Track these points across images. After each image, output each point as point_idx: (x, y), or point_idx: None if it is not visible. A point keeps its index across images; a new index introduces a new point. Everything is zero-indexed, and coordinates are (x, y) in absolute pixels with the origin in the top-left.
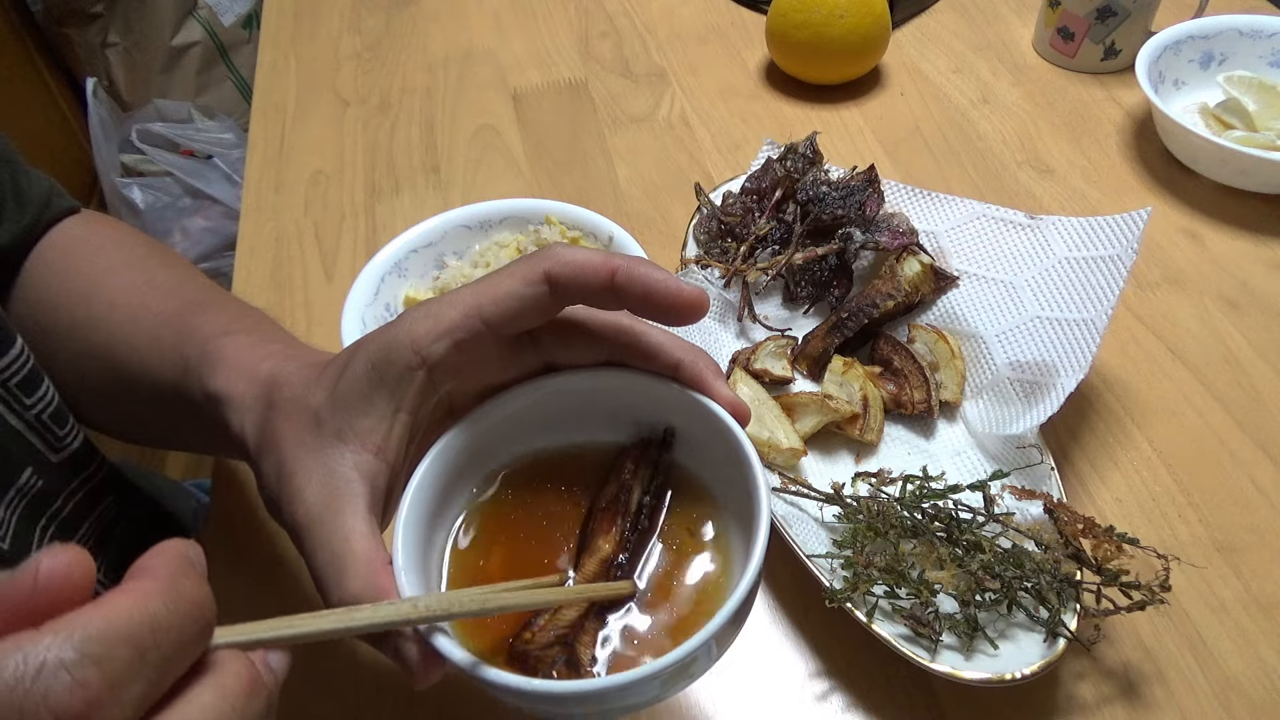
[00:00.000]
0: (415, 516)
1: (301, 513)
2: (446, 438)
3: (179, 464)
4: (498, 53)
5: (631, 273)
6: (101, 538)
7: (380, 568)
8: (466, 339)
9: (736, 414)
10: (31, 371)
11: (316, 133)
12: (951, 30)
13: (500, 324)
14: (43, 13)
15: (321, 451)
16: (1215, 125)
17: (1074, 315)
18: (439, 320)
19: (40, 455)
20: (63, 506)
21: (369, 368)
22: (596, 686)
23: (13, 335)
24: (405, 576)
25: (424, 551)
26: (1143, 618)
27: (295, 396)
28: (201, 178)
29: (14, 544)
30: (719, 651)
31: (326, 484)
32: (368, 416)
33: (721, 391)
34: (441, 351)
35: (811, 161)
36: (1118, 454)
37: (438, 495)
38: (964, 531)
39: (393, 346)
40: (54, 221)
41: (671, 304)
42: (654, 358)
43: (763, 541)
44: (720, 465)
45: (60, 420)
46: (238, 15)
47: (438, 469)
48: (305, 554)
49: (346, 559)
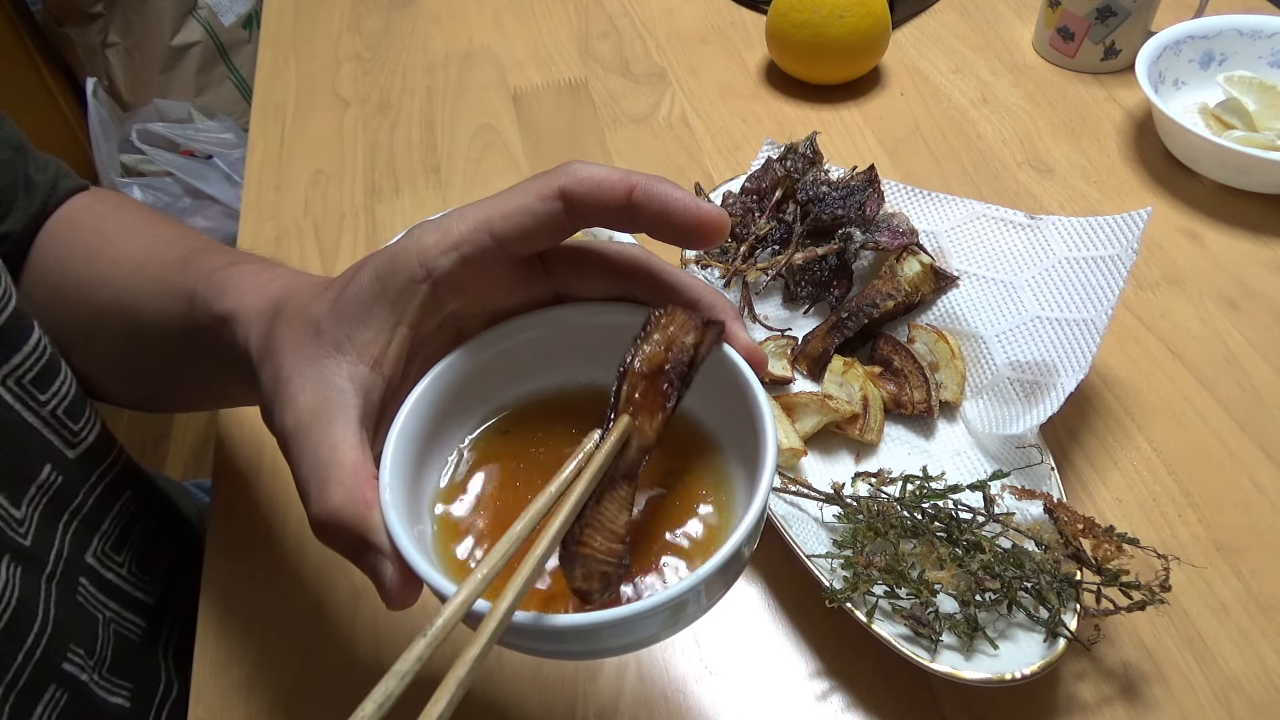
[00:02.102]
0: (408, 435)
1: (291, 419)
2: (449, 359)
3: (179, 464)
4: (498, 53)
5: (649, 190)
6: (124, 534)
7: (365, 480)
8: (475, 254)
9: (752, 360)
10: (47, 365)
11: (316, 133)
12: (951, 30)
13: (511, 240)
14: (43, 13)
15: (318, 360)
16: (1215, 125)
17: (1074, 315)
18: (447, 233)
19: (58, 451)
20: (84, 502)
21: (373, 279)
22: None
23: (29, 328)
24: (390, 494)
25: (414, 474)
26: (1143, 618)
27: (300, 307)
28: (201, 178)
29: (36, 541)
30: (709, 599)
31: (319, 392)
32: (367, 328)
33: (738, 335)
34: (448, 265)
35: (811, 161)
36: (1118, 454)
37: (435, 418)
38: (964, 531)
39: (399, 258)
40: (60, 202)
41: (690, 223)
42: (673, 296)
43: (765, 490)
44: (732, 411)
45: (75, 415)
46: (238, 15)
47: (436, 390)
48: (291, 461)
49: (332, 467)
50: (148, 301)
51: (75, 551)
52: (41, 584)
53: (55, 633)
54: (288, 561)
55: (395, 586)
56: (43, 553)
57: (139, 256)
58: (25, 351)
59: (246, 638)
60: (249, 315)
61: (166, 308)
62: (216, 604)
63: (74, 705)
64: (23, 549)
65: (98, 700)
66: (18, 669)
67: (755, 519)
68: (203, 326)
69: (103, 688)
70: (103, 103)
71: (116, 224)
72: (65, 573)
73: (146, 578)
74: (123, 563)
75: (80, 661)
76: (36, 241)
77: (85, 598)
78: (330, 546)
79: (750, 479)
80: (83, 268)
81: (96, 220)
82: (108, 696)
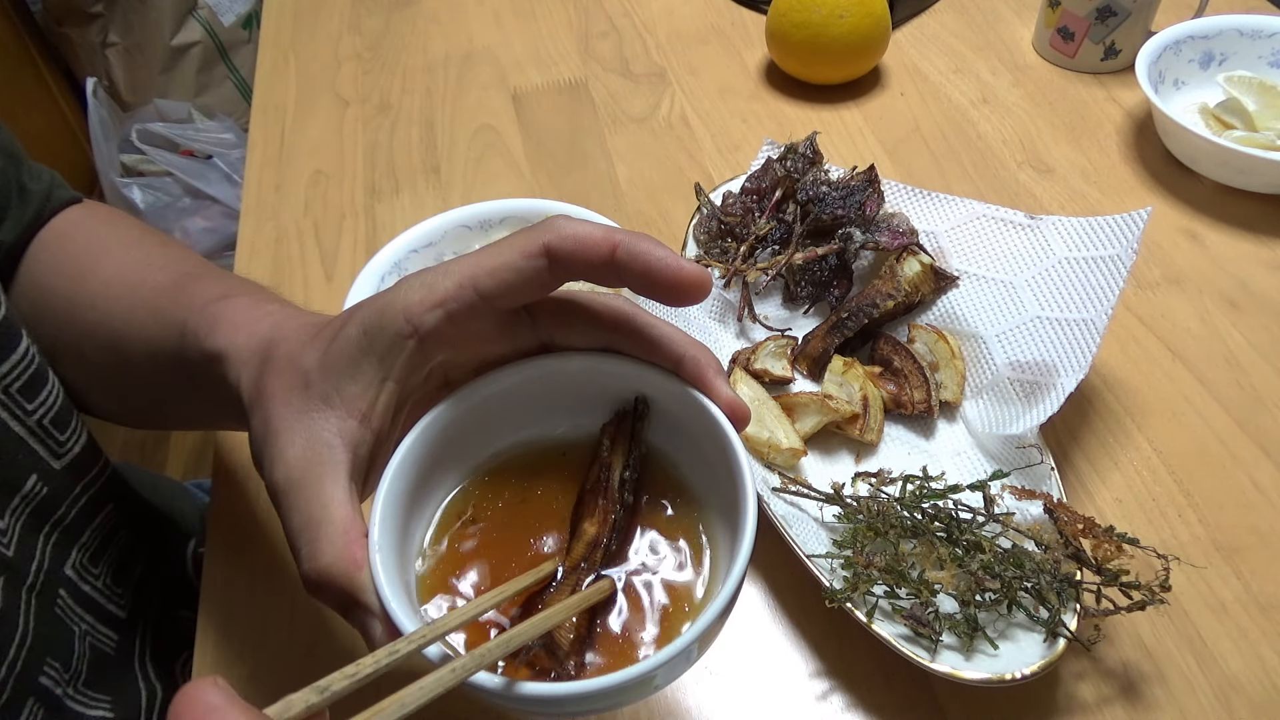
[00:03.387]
0: (397, 490)
1: (281, 474)
2: (434, 413)
3: (179, 464)
4: (498, 53)
5: (632, 249)
6: (103, 544)
7: (355, 539)
8: (460, 310)
9: (735, 415)
10: (34, 375)
11: (316, 133)
12: (951, 30)
13: (496, 297)
14: (43, 13)
15: (307, 414)
16: (1215, 125)
17: (1074, 315)
18: (432, 290)
19: (43, 462)
20: (66, 514)
21: (361, 334)
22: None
23: (17, 337)
24: (379, 554)
25: (402, 529)
26: (1143, 618)
27: (289, 354)
28: (201, 178)
29: (17, 552)
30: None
31: (309, 447)
32: (355, 382)
33: (722, 391)
34: (434, 322)
35: (811, 161)
36: (1118, 454)
37: (423, 471)
38: (964, 531)
39: (386, 313)
40: (54, 212)
41: (672, 282)
42: (656, 350)
43: (746, 551)
44: (712, 467)
45: (61, 425)
46: (238, 15)
47: (425, 442)
48: (282, 516)
49: (323, 526)
50: (138, 328)
51: (55, 563)
52: (22, 595)
53: (34, 645)
54: (288, 561)
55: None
56: (24, 564)
57: (130, 278)
58: (13, 360)
59: (246, 638)
60: (240, 356)
61: (157, 336)
62: (216, 604)
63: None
64: (4, 559)
65: (73, 715)
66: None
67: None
68: (193, 361)
69: (79, 702)
70: (103, 103)
71: (108, 241)
72: (45, 584)
73: (120, 590)
74: (99, 575)
75: (56, 675)
76: (27, 253)
77: (63, 610)
78: (321, 602)
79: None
80: (72, 285)
81: (88, 237)
82: (85, 710)
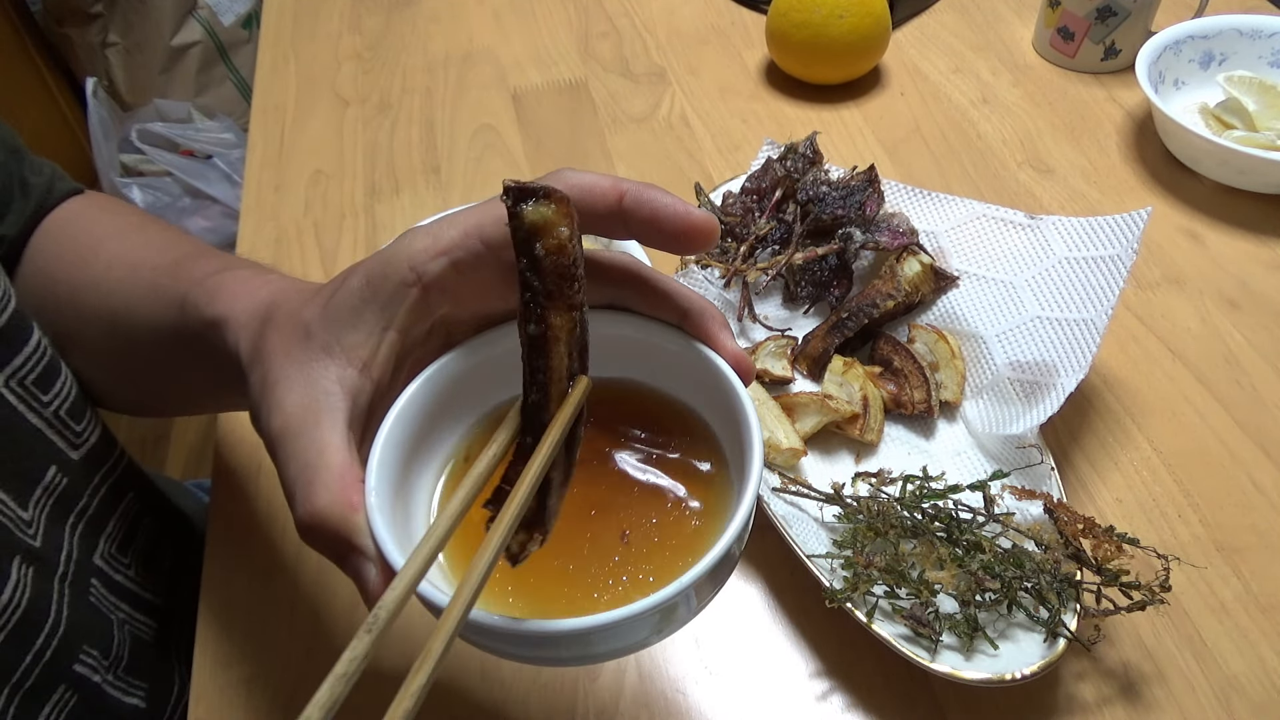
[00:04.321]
0: (396, 439)
1: (279, 423)
2: (439, 363)
3: (179, 464)
4: (498, 53)
5: (639, 196)
6: (129, 534)
7: (352, 483)
8: (465, 259)
9: (740, 368)
10: (48, 366)
11: (316, 133)
12: (951, 30)
13: (501, 245)
14: (43, 13)
15: (307, 364)
16: (1215, 125)
17: (1074, 315)
18: (438, 239)
19: (62, 453)
20: (89, 504)
21: (364, 283)
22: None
23: (29, 329)
24: (376, 497)
25: (401, 478)
26: (1143, 618)
27: (290, 312)
28: (201, 178)
29: (45, 542)
30: (699, 601)
31: (307, 395)
32: (357, 331)
33: (727, 345)
34: (438, 270)
35: (811, 161)
36: (1118, 454)
37: (424, 422)
38: (964, 531)
39: (390, 262)
40: (56, 204)
41: (681, 229)
42: (661, 304)
43: (750, 500)
44: (719, 418)
45: (77, 416)
46: (238, 15)
47: (426, 393)
48: (278, 465)
49: (319, 470)
50: (138, 306)
51: (84, 553)
52: (54, 585)
53: (67, 634)
54: (288, 561)
55: (378, 590)
56: (52, 554)
57: (130, 260)
58: (26, 353)
59: (246, 638)
60: (239, 320)
61: (158, 313)
62: (216, 604)
63: (83, 707)
64: (33, 550)
65: (110, 701)
66: (25, 669)
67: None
68: (194, 332)
69: (117, 688)
70: (103, 103)
71: (109, 228)
72: (76, 574)
73: (153, 579)
74: (129, 564)
75: (94, 663)
76: (30, 244)
77: (98, 599)
78: (315, 549)
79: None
80: (74, 271)
81: (89, 224)
82: (122, 697)
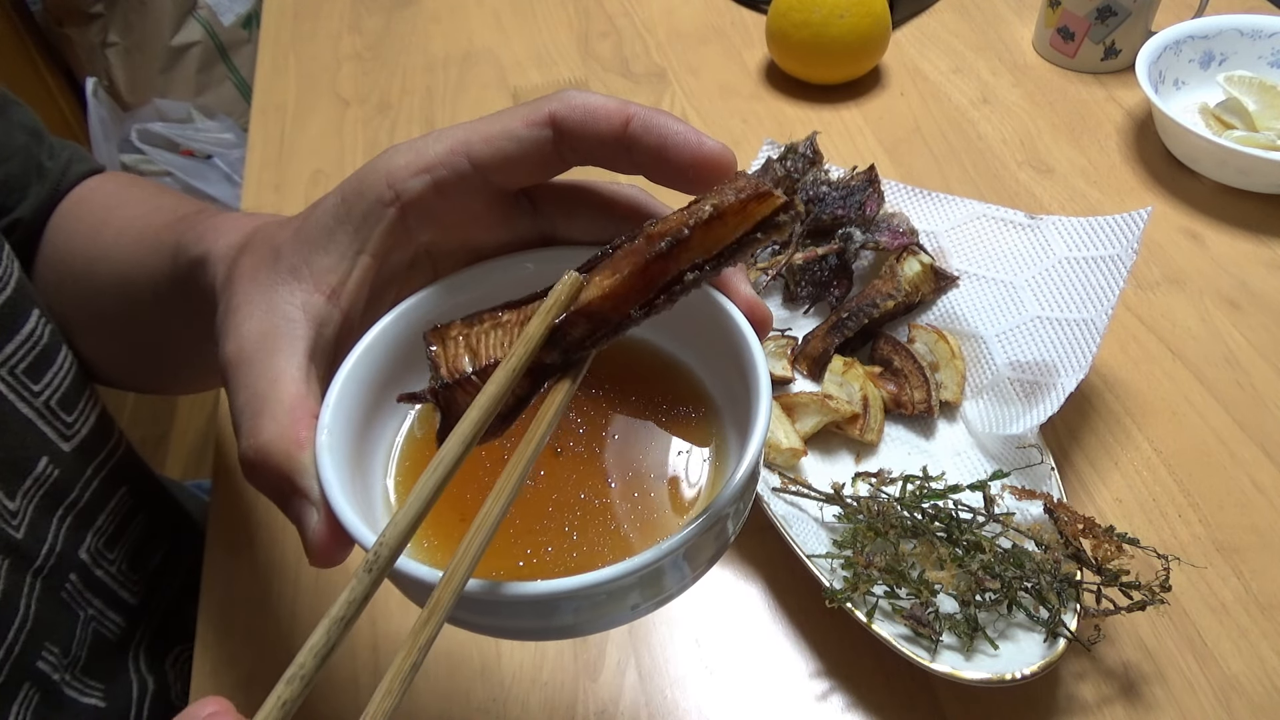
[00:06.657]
0: (359, 375)
1: (234, 348)
2: (417, 296)
3: (179, 464)
4: (498, 53)
5: (648, 121)
6: (120, 528)
7: (303, 418)
8: (450, 179)
9: (754, 315)
10: (40, 355)
11: (316, 133)
12: (951, 30)
13: (491, 167)
14: (43, 13)
15: (271, 287)
16: (1215, 125)
17: (1074, 315)
18: (420, 155)
19: (53, 445)
20: (79, 496)
21: (339, 201)
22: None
23: (24, 317)
24: (328, 435)
25: (364, 419)
26: (1143, 618)
27: (266, 236)
28: (201, 178)
29: (28, 534)
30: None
31: (266, 320)
32: (328, 254)
33: (740, 290)
34: (418, 189)
35: (811, 161)
36: (1118, 454)
37: (395, 361)
38: (964, 531)
39: (366, 179)
40: (72, 185)
41: (692, 159)
42: None
43: (753, 455)
44: (728, 370)
45: (69, 407)
46: (238, 15)
47: (399, 329)
48: (229, 393)
49: (269, 401)
50: (141, 264)
51: (68, 547)
52: (26, 579)
53: (33, 630)
54: (288, 561)
55: (319, 539)
56: (33, 547)
57: (139, 225)
58: (18, 341)
59: (246, 638)
60: (219, 254)
61: (156, 266)
62: (216, 604)
63: (45, 705)
64: (12, 542)
65: (68, 700)
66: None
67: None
68: (183, 276)
69: (74, 688)
70: (103, 103)
71: (123, 198)
72: (54, 568)
73: (135, 576)
74: (114, 560)
75: (54, 660)
76: (49, 225)
77: (70, 594)
78: (257, 488)
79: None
80: (88, 243)
81: (105, 197)
82: (79, 697)
